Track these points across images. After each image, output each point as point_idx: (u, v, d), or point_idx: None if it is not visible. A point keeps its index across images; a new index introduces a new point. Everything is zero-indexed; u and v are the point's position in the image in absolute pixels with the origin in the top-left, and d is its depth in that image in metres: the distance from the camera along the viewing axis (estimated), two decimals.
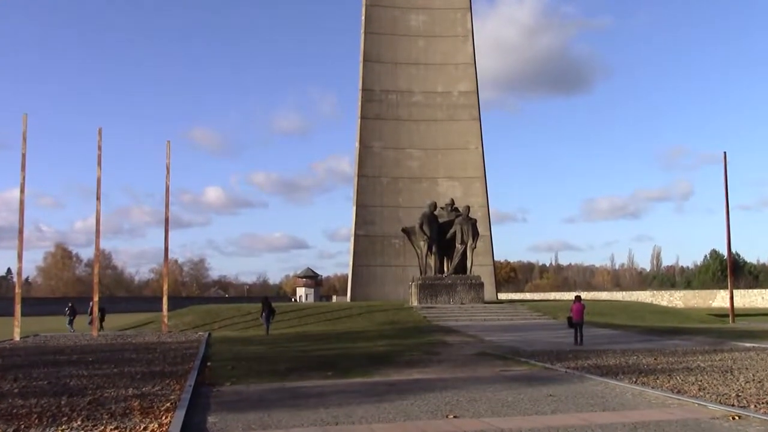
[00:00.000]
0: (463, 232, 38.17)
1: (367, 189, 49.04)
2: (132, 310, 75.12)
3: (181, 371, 15.27)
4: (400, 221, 46.63)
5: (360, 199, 48.82)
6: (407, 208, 48.02)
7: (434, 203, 39.23)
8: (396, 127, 49.87)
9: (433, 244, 38.07)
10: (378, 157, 49.41)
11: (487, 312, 35.25)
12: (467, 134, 50.10)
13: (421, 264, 38.51)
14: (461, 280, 37.76)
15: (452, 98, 50.49)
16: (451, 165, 49.80)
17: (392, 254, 48.19)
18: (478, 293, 37.69)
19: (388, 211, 48.80)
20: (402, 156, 49.70)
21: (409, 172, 49.57)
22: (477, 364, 16.42)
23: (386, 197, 49.11)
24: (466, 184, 49.58)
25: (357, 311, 35.44)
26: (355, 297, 47.07)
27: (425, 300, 37.18)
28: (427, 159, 49.82)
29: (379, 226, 48.56)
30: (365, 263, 48.01)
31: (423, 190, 49.05)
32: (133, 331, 33.29)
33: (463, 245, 38.08)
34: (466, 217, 38.64)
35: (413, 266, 42.12)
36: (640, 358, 17.38)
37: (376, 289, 47.52)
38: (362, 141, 49.35)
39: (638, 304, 45.66)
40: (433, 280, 37.71)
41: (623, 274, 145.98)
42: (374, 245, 48.35)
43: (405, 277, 44.62)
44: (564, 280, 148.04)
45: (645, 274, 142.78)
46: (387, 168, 49.47)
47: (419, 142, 49.89)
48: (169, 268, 33.90)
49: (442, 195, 47.06)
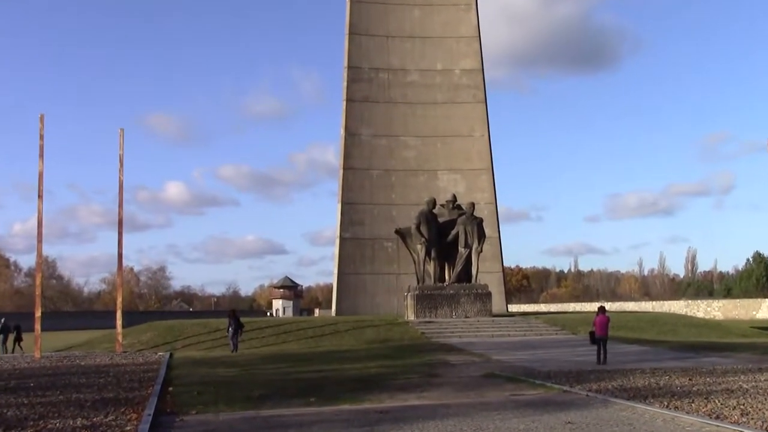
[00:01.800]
0: (467, 233, 38.20)
1: (354, 184, 49.07)
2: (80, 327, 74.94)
3: (139, 398, 15.22)
4: (393, 221, 46.69)
5: (346, 196, 48.85)
6: (402, 206, 48.14)
7: (433, 200, 39.34)
8: (388, 111, 49.95)
9: (432, 248, 38.12)
10: (367, 146, 49.42)
11: (496, 327, 35.34)
12: (471, 119, 50.23)
13: (418, 271, 38.60)
14: (465, 289, 37.87)
15: (454, 77, 50.62)
16: (452, 155, 49.96)
17: (384, 260, 48.31)
18: (485, 305, 37.81)
19: (379, 210, 48.87)
20: (395, 145, 49.76)
21: (403, 164, 49.64)
22: (484, 388, 16.48)
23: (377, 193, 49.20)
24: (470, 178, 49.75)
25: (343, 327, 35.47)
26: (341, 310, 47.06)
27: (423, 313, 37.25)
28: (424, 148, 49.92)
29: (368, 228, 48.62)
30: (353, 271, 48.03)
31: (420, 184, 49.19)
32: (82, 351, 33.21)
33: (467, 249, 38.19)
34: (470, 215, 38.70)
35: (409, 274, 42.13)
36: (673, 379, 17.45)
37: (366, 301, 47.59)
38: (348, 128, 49.38)
39: (670, 316, 46.02)
40: (432, 289, 37.74)
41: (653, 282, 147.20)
42: (363, 250, 48.41)
43: (399, 287, 44.70)
44: (585, 288, 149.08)
45: (678, 281, 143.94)
46: (378, 159, 49.54)
47: (415, 129, 49.98)
48: (123, 278, 33.78)
49: (443, 190, 47.18)
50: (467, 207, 39.19)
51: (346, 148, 49.18)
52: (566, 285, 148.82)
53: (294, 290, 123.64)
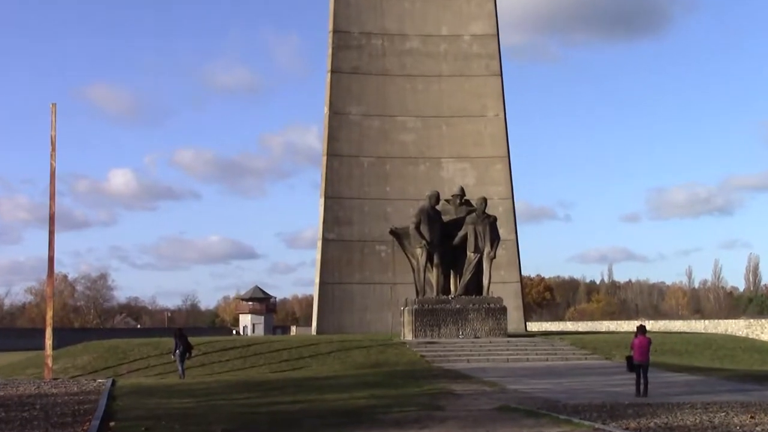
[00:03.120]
0: (478, 235, 38.27)
1: (340, 174, 49.04)
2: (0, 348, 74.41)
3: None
4: (387, 220, 46.63)
5: (331, 189, 48.80)
6: (398, 201, 48.20)
7: (436, 194, 39.36)
8: (382, 85, 49.94)
9: (435, 253, 38.19)
10: (356, 128, 49.42)
11: (512, 349, 35.37)
12: (484, 96, 50.23)
13: (418, 281, 38.63)
14: (475, 303, 37.96)
15: (463, 44, 50.61)
16: (460, 139, 49.94)
17: (376, 267, 48.31)
18: (499, 322, 37.88)
19: (370, 206, 48.90)
20: (391, 127, 49.77)
21: (400, 150, 49.62)
22: (497, 424, 16.43)
23: (368, 186, 49.23)
24: (482, 167, 49.74)
25: (326, 348, 35.44)
26: (324, 328, 46.97)
27: (423, 332, 37.27)
28: (426, 131, 49.92)
29: (357, 227, 48.64)
30: (338, 280, 48.01)
31: (420, 175, 49.23)
32: (1, 378, 32.98)
33: (477, 254, 38.24)
34: (481, 213, 38.76)
35: (406, 284, 42.19)
36: (731, 416, 17.36)
37: (354, 317, 47.65)
38: (334, 105, 49.29)
39: (727, 338, 46.02)
40: (435, 303, 37.77)
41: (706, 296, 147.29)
42: (351, 254, 48.38)
43: (395, 300, 44.60)
44: (622, 303, 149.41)
45: (737, 295, 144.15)
46: (369, 144, 49.54)
47: (415, 107, 49.89)
48: (54, 288, 33.67)
49: (448, 182, 47.05)
50: (478, 203, 39.21)
51: (330, 130, 49.11)
52: (598, 299, 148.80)
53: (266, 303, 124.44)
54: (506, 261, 47.67)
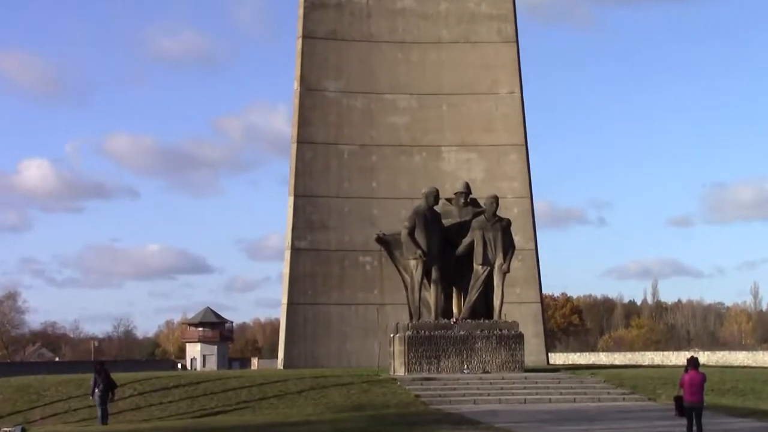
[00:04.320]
0: (487, 243, 38.23)
1: (314, 166, 48.93)
2: None
3: None
4: (373, 224, 46.48)
5: (302, 185, 48.68)
6: (387, 201, 48.21)
7: (435, 192, 39.11)
8: (366, 55, 49.92)
9: (434, 265, 38.07)
10: (334, 108, 49.33)
11: (531, 387, 35.08)
12: (495, 68, 50.12)
13: (412, 300, 38.52)
14: (483, 329, 37.89)
15: (469, 3, 50.50)
16: (465, 123, 49.84)
17: (359, 283, 48.23)
18: (514, 353, 37.79)
19: (352, 206, 48.84)
20: (378, 107, 49.71)
21: (390, 136, 49.59)
22: None
23: (349, 181, 49.17)
24: (492, 158, 49.65)
25: (296, 386, 35.11)
26: (293, 360, 46.83)
27: (419, 366, 37.14)
28: (422, 113, 49.83)
29: (336, 233, 48.54)
30: (311, 300, 47.94)
31: (416, 168, 49.15)
32: None
33: (486, 267, 38.18)
34: (492, 216, 38.65)
35: (397, 305, 42.11)
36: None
37: (330, 347, 47.51)
38: (306, 79, 49.12)
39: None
40: (434, 329, 37.68)
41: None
42: (327, 267, 48.27)
43: (382, 325, 44.04)
44: (669, 329, 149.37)
45: None
46: (351, 128, 49.46)
47: (408, 83, 49.79)
48: None
49: (450, 177, 46.95)
50: (487, 203, 39.00)
51: (302, 110, 48.98)
52: (639, 324, 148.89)
53: (220, 329, 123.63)
54: (523, 276, 47.65)
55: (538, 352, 47.12)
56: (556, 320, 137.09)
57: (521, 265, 46.46)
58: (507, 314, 39.20)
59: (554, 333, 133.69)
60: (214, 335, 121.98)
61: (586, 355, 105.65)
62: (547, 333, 51.68)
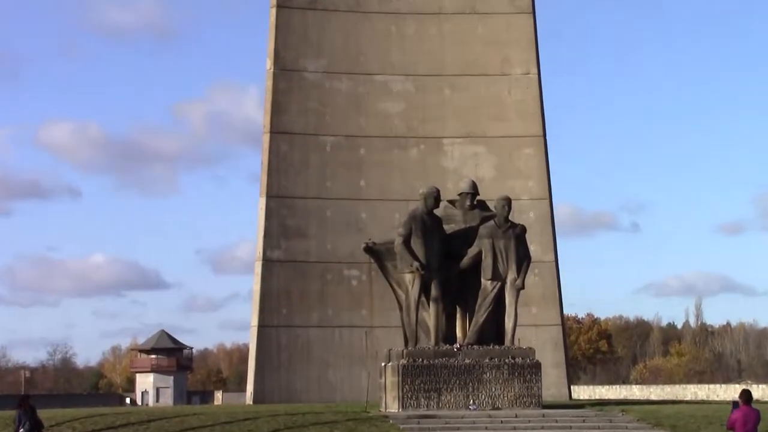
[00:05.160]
0: (498, 253, 38.00)
1: (290, 161, 49.04)
2: None
3: None
4: (361, 230, 46.64)
5: (276, 183, 48.74)
6: (377, 204, 48.36)
7: (435, 192, 38.71)
8: (353, 27, 50.00)
9: (434, 280, 37.87)
10: (315, 91, 49.40)
11: (550, 427, 35.08)
12: (507, 44, 50.18)
13: (407, 322, 38.26)
14: (493, 357, 37.67)
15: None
16: (472, 110, 49.86)
17: (344, 301, 48.25)
18: (530, 386, 37.44)
19: (336, 210, 48.84)
20: (367, 89, 49.80)
21: (381, 126, 49.65)
22: None
23: (333, 179, 49.19)
24: (504, 152, 49.66)
25: (267, 426, 34.91)
26: (265, 394, 46.93)
27: (415, 400, 36.83)
28: (420, 97, 49.92)
29: (316, 242, 48.60)
30: (286, 321, 47.91)
31: (411, 163, 49.28)
32: None
33: (496, 282, 37.98)
34: (503, 222, 38.45)
35: (390, 327, 42.31)
36: None
37: (309, 378, 47.50)
38: (281, 57, 49.25)
39: None
40: (434, 356, 37.45)
41: None
42: (305, 282, 48.29)
43: (371, 351, 44.41)
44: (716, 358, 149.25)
45: None
46: (335, 116, 49.54)
47: (403, 62, 49.92)
48: None
49: (453, 175, 47.18)
50: (498, 206, 38.60)
51: (276, 95, 49.08)
52: (680, 351, 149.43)
53: (177, 357, 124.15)
54: (541, 293, 47.66)
55: (558, 384, 47.08)
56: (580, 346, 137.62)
57: (538, 280, 46.54)
58: (521, 339, 39.20)
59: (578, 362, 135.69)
60: (170, 364, 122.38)
61: (616, 388, 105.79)
62: (570, 362, 51.81)
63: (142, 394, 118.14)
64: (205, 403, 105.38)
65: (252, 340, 48.25)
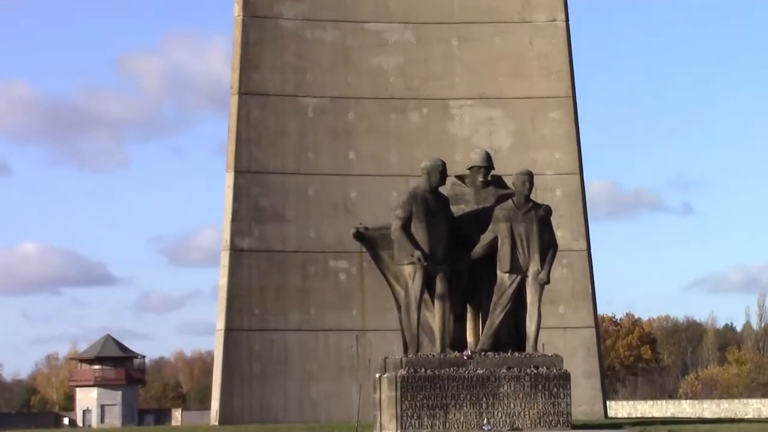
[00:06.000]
0: (518, 241, 34.08)
1: (264, 128, 46.69)
2: None
3: None
4: (350, 212, 44.47)
5: (246, 155, 46.36)
6: (369, 180, 45.91)
7: (440, 166, 34.89)
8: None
9: (439, 273, 33.98)
10: (293, 43, 46.92)
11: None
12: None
13: (407, 324, 34.16)
14: (512, 366, 33.77)
15: None
16: (485, 66, 47.26)
17: (330, 299, 45.70)
18: (557, 401, 33.57)
19: (319, 187, 46.35)
20: (356, 42, 47.36)
21: (374, 85, 47.12)
22: None
23: (315, 151, 46.54)
24: (524, 117, 47.04)
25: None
26: (233, 412, 45.05)
27: (417, 418, 32.64)
28: (421, 50, 47.36)
29: (295, 226, 46.10)
30: (258, 324, 45.39)
31: (411, 130, 46.73)
32: None
33: (515, 276, 34.13)
34: (523, 202, 34.47)
35: (385, 330, 40.79)
36: None
37: (287, 392, 45.26)
38: (250, 1, 46.97)
39: None
40: (439, 366, 33.67)
41: None
42: (283, 276, 45.85)
43: (363, 360, 43.66)
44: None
45: None
46: (317, 74, 47.09)
47: (402, 6, 47.55)
48: None
49: (462, 144, 45.01)
50: (518, 183, 34.33)
51: (246, 47, 46.16)
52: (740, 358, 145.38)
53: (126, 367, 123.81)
54: (570, 288, 44.03)
55: (591, 399, 43.51)
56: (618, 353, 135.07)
57: (567, 272, 43.25)
58: (546, 344, 34.69)
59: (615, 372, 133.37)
60: (118, 376, 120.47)
61: (661, 403, 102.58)
62: (605, 372, 49.24)
63: (83, 412, 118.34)
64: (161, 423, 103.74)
65: (218, 346, 45.35)
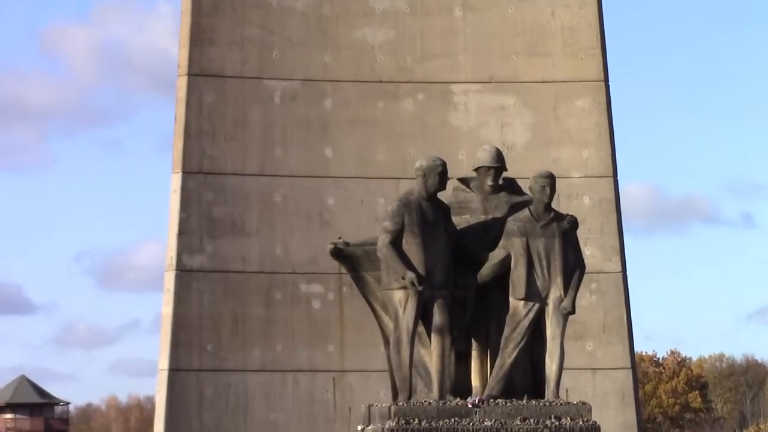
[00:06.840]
0: (535, 260, 30.24)
1: (219, 119, 40.34)
2: None
3: None
4: (325, 224, 37.72)
5: (197, 152, 39.66)
6: (350, 183, 39.35)
7: (440, 167, 28.97)
8: None
9: (438, 300, 28.88)
10: (255, 12, 40.18)
11: None
12: None
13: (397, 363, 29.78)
14: (527, 416, 30.39)
15: None
16: (495, 41, 40.68)
17: (301, 332, 38.68)
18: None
19: (288, 191, 39.85)
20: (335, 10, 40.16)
21: (357, 64, 40.89)
22: None
23: (283, 146, 40.20)
24: (544, 105, 40.66)
25: None
26: None
27: None
28: (417, 22, 40.74)
29: (257, 241, 39.49)
30: (211, 363, 38.70)
31: (403, 121, 39.96)
32: None
33: (532, 303, 29.83)
34: (543, 212, 29.55)
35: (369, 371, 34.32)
36: None
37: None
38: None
39: None
40: (437, 416, 30.56)
41: None
42: (242, 303, 38.77)
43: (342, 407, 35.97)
44: None
45: None
46: (284, 50, 41.03)
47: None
48: None
49: (468, 140, 38.76)
50: (536, 188, 29.54)
51: (197, 17, 39.20)
52: None
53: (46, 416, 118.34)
54: (600, 320, 37.42)
55: None
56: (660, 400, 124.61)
57: (597, 300, 36.30)
58: (570, 390, 29.61)
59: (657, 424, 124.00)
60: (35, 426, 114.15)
61: None
62: (644, 424, 43.60)
63: None
64: None
65: (159, 391, 37.07)
